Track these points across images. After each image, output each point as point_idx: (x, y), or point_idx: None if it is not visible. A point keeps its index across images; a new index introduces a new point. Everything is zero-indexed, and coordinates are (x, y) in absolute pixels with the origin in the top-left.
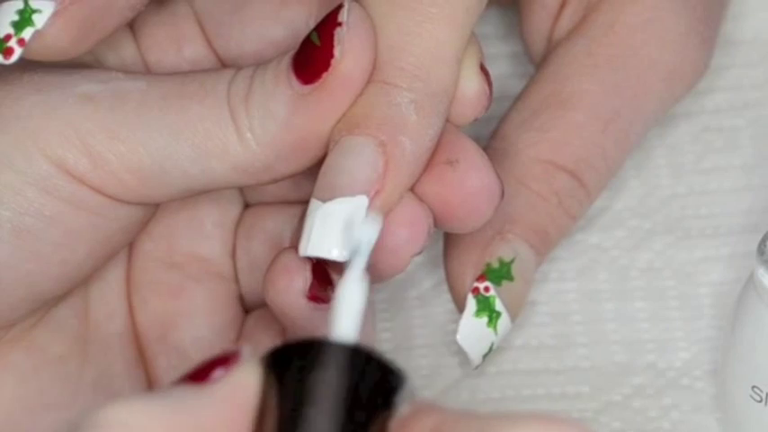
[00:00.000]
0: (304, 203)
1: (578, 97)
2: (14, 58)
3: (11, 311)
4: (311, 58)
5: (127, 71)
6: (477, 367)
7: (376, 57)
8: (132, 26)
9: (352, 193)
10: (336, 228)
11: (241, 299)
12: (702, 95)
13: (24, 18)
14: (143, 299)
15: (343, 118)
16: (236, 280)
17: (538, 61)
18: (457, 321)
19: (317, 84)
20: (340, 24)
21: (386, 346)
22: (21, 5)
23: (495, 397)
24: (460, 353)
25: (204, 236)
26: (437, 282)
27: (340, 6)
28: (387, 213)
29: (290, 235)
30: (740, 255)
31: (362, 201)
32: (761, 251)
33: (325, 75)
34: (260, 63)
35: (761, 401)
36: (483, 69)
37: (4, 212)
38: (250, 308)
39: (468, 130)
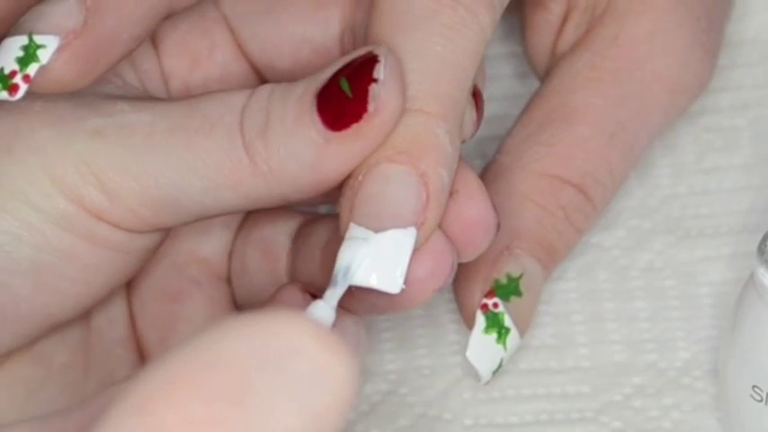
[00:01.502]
0: (302, 213)
1: (583, 111)
2: (20, 94)
3: (25, 338)
4: (341, 107)
5: (142, 82)
6: (486, 383)
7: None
8: (160, 33)
9: (404, 225)
10: (393, 260)
11: (234, 301)
12: (703, 95)
13: (29, 54)
14: (143, 303)
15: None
16: (230, 281)
17: (542, 75)
18: (458, 321)
19: (346, 132)
20: (375, 81)
21: (386, 346)
22: (25, 41)
23: (496, 396)
24: (462, 353)
25: (209, 236)
26: None
27: (374, 59)
28: (420, 246)
29: (283, 243)
30: (741, 254)
31: (412, 233)
32: (761, 251)
33: (355, 126)
34: (291, 68)
35: (761, 401)
36: (476, 91)
37: (23, 249)
38: (241, 310)
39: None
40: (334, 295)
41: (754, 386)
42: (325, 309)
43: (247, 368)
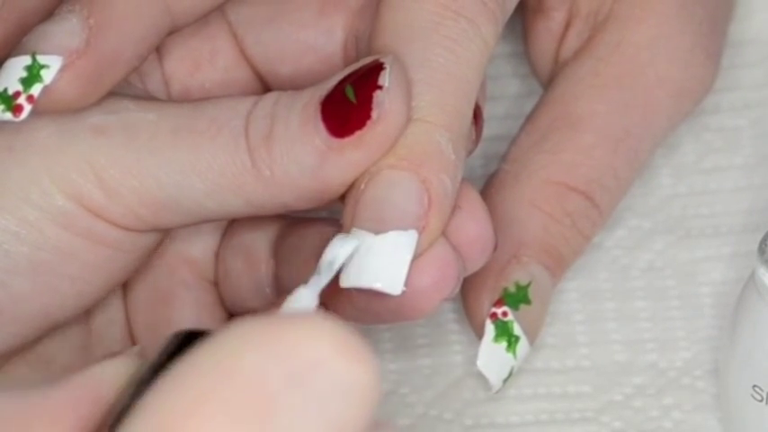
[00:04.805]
0: (284, 217)
1: (588, 118)
2: (24, 115)
3: (24, 339)
4: (345, 114)
5: (143, 83)
6: (497, 392)
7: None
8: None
9: (405, 227)
10: (393, 261)
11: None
12: None
13: (32, 74)
14: (135, 304)
15: None
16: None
17: (545, 82)
18: (458, 321)
19: (349, 139)
20: (380, 87)
21: (386, 345)
22: (28, 61)
23: (497, 396)
24: (463, 352)
25: (199, 237)
26: None
27: (380, 66)
28: (422, 253)
29: (263, 248)
30: (741, 254)
31: (413, 235)
32: (761, 251)
33: (359, 133)
34: (294, 74)
35: (762, 401)
36: (476, 107)
37: (21, 248)
38: (229, 312)
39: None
40: (318, 282)
41: (754, 386)
42: (307, 295)
43: (271, 385)
